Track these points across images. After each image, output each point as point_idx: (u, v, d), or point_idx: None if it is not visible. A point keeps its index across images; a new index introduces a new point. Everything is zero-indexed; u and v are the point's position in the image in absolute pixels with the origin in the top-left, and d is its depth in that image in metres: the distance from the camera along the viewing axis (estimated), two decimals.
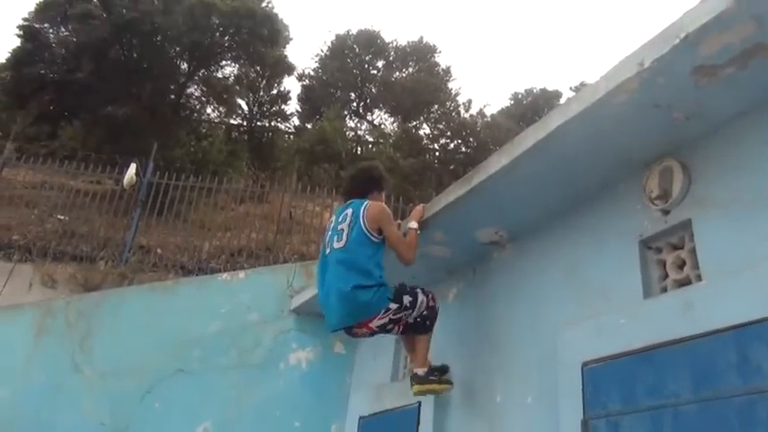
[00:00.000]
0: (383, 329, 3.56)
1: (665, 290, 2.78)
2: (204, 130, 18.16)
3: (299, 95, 21.76)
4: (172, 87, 17.31)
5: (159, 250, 9.66)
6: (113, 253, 9.32)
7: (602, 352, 2.76)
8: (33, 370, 5.20)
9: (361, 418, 4.95)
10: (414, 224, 3.70)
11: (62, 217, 10.01)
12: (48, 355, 5.28)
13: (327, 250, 3.68)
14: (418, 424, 4.09)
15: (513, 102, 22.05)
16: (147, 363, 5.35)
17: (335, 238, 3.63)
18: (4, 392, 5.06)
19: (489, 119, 18.34)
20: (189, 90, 18.08)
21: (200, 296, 5.79)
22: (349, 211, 3.69)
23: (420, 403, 4.11)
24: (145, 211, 9.94)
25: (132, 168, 9.90)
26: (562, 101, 18.96)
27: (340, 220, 3.70)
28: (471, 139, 17.11)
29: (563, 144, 2.86)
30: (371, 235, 3.56)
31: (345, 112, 21.34)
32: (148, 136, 13.49)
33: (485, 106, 29.99)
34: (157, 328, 5.53)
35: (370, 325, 3.48)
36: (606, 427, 2.62)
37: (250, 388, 5.43)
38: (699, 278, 2.58)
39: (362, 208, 3.65)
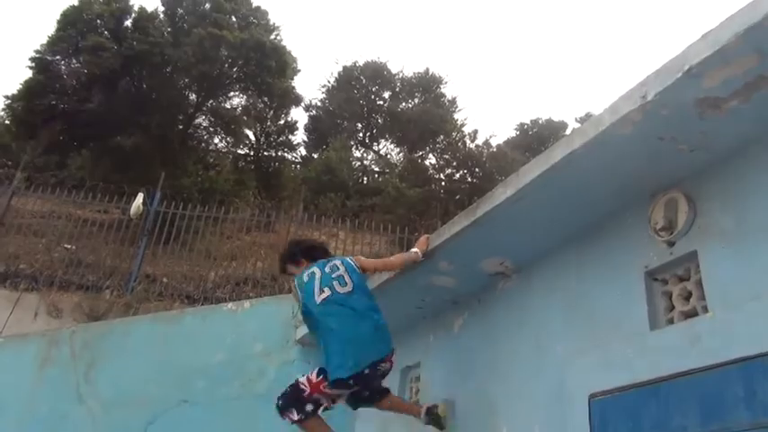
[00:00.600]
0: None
1: (671, 321, 2.76)
2: (211, 160, 18.32)
3: (305, 126, 22.02)
4: (180, 118, 17.47)
5: (165, 279, 9.67)
6: (119, 282, 9.35)
7: (609, 384, 2.74)
8: (37, 400, 5.18)
9: None
10: (414, 249, 3.85)
11: (69, 246, 10.05)
12: (52, 385, 5.27)
13: (325, 295, 3.69)
14: None
15: (518, 132, 22.22)
16: (152, 393, 5.31)
17: (336, 283, 3.72)
18: (8, 422, 5.03)
19: (495, 149, 18.38)
20: (197, 120, 18.26)
21: (205, 326, 5.76)
22: (336, 261, 3.92)
23: None
24: (151, 240, 9.97)
25: (139, 198, 9.97)
26: (567, 131, 19.11)
27: (328, 270, 3.82)
28: (477, 170, 17.15)
29: (568, 175, 2.87)
30: (365, 279, 3.88)
31: (352, 143, 21.49)
32: (156, 166, 13.62)
33: (491, 137, 30.13)
34: (162, 359, 5.50)
35: (392, 359, 3.66)
36: None
37: (254, 419, 5.35)
38: (705, 310, 2.56)
39: (348, 258, 3.97)
